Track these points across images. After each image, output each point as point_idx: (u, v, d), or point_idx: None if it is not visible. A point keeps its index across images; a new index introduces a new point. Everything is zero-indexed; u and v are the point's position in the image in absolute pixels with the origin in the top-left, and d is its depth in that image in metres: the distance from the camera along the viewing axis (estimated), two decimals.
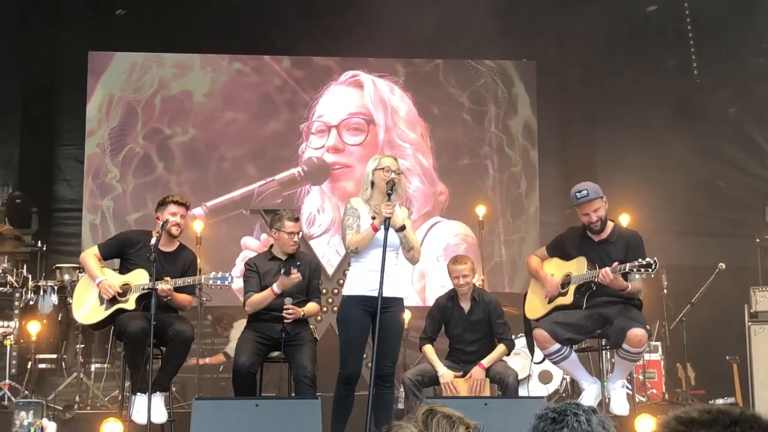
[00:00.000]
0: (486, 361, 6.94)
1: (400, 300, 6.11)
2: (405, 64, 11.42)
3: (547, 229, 10.76)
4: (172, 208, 6.78)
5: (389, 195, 5.87)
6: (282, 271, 6.60)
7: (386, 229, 5.75)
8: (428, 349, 7.10)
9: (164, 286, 6.49)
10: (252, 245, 10.62)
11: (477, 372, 6.89)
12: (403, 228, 5.96)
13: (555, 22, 11.33)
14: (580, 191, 6.58)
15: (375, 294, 5.74)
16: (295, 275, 6.55)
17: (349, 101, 11.16)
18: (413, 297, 10.31)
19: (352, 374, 6.05)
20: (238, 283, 7.48)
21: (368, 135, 11.02)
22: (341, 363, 6.07)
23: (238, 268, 10.18)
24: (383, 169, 6.01)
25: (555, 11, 11.20)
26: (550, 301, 6.67)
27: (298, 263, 6.73)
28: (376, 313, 5.69)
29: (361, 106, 11.16)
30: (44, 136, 10.93)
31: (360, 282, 6.02)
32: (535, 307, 6.85)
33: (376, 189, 6.05)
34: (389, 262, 5.88)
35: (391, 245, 5.90)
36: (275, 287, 6.60)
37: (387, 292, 5.80)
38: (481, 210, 9.44)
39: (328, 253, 10.39)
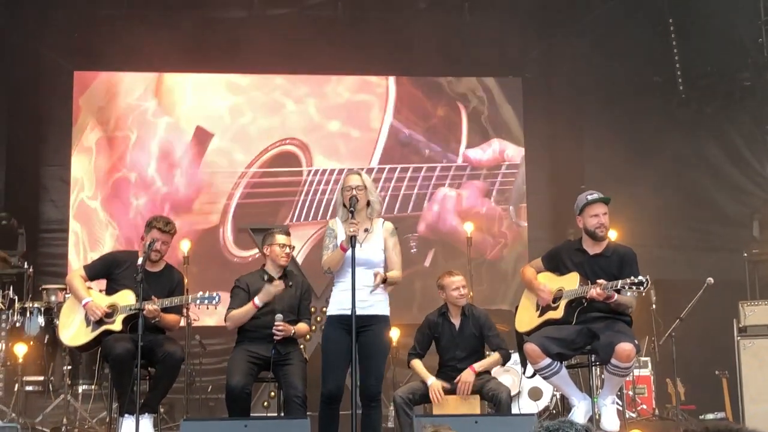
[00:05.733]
0: (478, 366, 6.88)
1: (382, 318, 6.04)
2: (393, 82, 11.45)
3: (535, 244, 10.75)
4: (156, 234, 6.77)
5: (352, 213, 5.91)
6: (265, 278, 6.65)
7: (353, 247, 5.77)
8: (416, 363, 7.05)
9: (151, 306, 6.45)
10: None
11: (466, 374, 6.82)
12: (384, 280, 5.96)
13: (540, 39, 11.38)
14: (591, 193, 6.65)
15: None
16: (279, 283, 6.59)
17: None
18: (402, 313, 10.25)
19: (332, 392, 5.99)
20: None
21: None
22: (322, 381, 6.05)
23: None
24: (343, 188, 6.07)
25: (541, 28, 11.26)
26: (541, 313, 6.63)
27: (291, 283, 6.77)
28: (355, 332, 5.71)
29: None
30: (30, 156, 10.89)
31: (338, 301, 6.01)
32: (525, 320, 6.81)
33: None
34: (369, 280, 5.89)
35: (369, 264, 5.91)
36: (257, 300, 6.59)
37: (366, 311, 5.81)
38: (468, 227, 9.42)
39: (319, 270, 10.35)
